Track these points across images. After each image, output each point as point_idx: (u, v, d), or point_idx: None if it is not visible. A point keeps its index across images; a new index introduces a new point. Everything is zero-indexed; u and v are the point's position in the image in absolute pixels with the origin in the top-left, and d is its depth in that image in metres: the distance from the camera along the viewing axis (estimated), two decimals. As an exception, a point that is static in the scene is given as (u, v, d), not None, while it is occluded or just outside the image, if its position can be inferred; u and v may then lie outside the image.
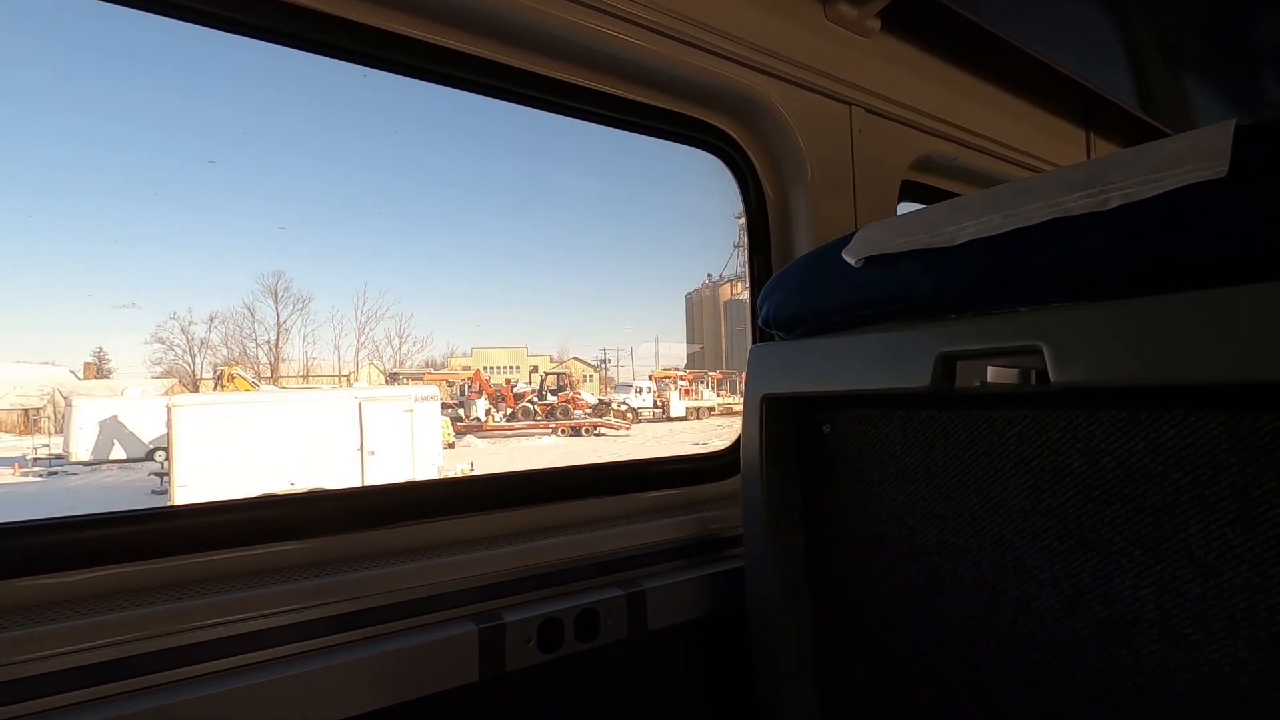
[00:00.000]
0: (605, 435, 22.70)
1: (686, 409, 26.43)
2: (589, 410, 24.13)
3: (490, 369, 28.30)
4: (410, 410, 12.52)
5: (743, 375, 1.16)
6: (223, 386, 15.75)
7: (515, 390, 24.61)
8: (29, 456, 16.02)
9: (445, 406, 18.52)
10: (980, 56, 1.81)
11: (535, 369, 29.65)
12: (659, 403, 26.51)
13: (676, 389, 27.00)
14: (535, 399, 24.30)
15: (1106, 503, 0.70)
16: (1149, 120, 2.14)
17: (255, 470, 10.83)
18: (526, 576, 1.11)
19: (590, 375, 32.40)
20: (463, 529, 1.16)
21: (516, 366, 31.08)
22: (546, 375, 26.45)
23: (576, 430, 22.87)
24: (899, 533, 0.92)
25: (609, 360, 34.42)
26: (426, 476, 11.20)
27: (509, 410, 23.43)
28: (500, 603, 1.08)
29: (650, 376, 28.40)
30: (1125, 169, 0.66)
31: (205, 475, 10.64)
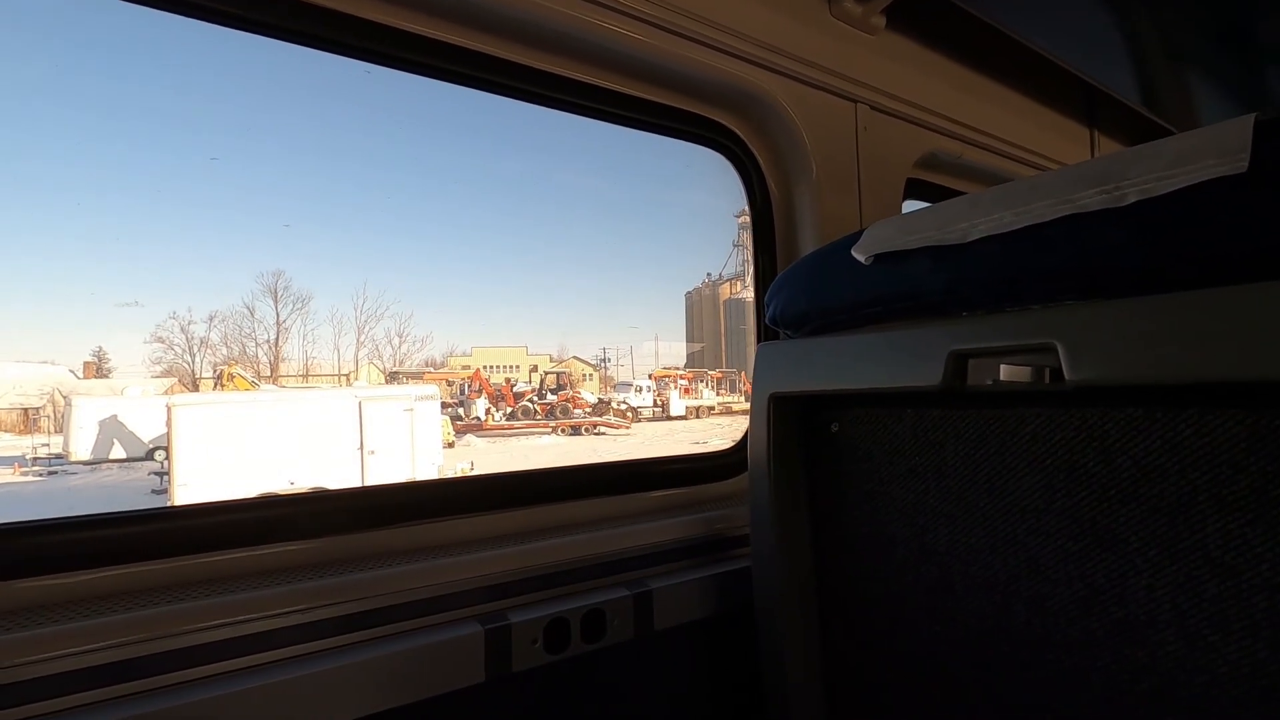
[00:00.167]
0: (605, 434, 22.70)
1: (686, 408, 26.44)
2: (589, 409, 24.13)
3: (490, 368, 28.32)
4: (410, 409, 12.52)
5: (743, 374, 1.16)
6: (223, 386, 15.75)
7: (515, 389, 24.61)
8: (28, 456, 16.02)
9: (445, 406, 18.52)
10: (985, 53, 1.80)
11: (535, 368, 29.68)
12: (659, 402, 26.53)
13: (676, 388, 27.01)
14: (535, 398, 24.30)
15: (1122, 502, 0.69)
16: (1153, 117, 2.13)
17: (255, 470, 10.83)
18: (532, 577, 1.11)
19: (590, 374, 32.42)
20: (467, 529, 1.16)
21: (516, 366, 31.11)
22: (546, 374, 26.45)
23: (576, 429, 22.87)
24: (909, 532, 0.91)
25: (609, 359, 34.49)
26: (426, 476, 11.22)
27: (509, 409, 23.43)
28: (506, 603, 1.07)
29: (650, 375, 28.43)
30: (1142, 164, 0.65)
31: (205, 475, 10.64)
